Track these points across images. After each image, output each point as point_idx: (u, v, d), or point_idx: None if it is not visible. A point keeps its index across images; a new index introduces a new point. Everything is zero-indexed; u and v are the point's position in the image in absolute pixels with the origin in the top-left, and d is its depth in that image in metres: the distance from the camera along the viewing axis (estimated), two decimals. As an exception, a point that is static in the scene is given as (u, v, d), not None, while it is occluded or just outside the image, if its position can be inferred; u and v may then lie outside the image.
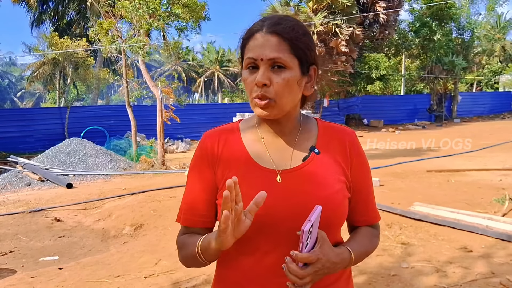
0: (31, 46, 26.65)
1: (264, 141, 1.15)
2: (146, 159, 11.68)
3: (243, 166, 1.12)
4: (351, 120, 24.41)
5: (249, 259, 1.09)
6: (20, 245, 5.49)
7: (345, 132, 1.20)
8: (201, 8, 11.46)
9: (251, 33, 1.09)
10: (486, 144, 13.31)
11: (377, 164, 9.79)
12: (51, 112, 18.83)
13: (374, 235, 1.24)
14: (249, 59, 1.06)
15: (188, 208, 1.19)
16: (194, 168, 1.20)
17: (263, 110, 1.06)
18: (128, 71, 13.09)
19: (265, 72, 1.04)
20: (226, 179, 1.09)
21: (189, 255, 1.12)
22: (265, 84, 1.03)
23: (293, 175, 1.10)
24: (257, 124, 1.19)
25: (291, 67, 1.06)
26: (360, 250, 1.13)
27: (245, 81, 1.09)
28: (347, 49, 18.40)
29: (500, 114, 28.97)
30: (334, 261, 1.01)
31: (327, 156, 1.13)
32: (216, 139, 1.17)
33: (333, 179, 1.11)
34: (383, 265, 3.97)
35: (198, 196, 1.17)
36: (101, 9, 12.71)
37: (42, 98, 46.88)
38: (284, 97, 1.06)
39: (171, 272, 4.03)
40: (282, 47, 1.05)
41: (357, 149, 1.19)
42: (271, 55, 1.03)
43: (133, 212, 6.53)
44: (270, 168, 1.11)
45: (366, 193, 1.20)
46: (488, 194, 6.52)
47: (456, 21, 25.93)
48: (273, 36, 1.05)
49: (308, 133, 1.17)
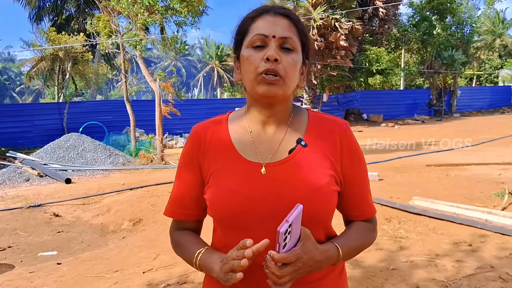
0: (29, 41, 26.59)
1: (251, 134, 1.13)
2: (145, 154, 11.66)
3: (228, 159, 1.11)
4: (350, 115, 24.40)
5: None
6: (19, 240, 5.48)
7: (336, 122, 1.16)
8: (199, 1, 11.39)
9: (259, 13, 1.08)
10: (485, 139, 13.29)
11: (376, 159, 9.78)
12: (50, 108, 18.79)
13: (369, 229, 1.19)
14: (258, 36, 1.04)
15: (175, 202, 1.20)
16: (182, 162, 1.19)
17: (271, 86, 1.03)
18: (127, 66, 13.05)
19: (276, 49, 1.03)
20: (211, 172, 1.11)
21: (185, 258, 1.15)
22: (276, 59, 1.02)
23: (278, 168, 1.07)
24: (246, 112, 1.16)
25: (297, 51, 1.07)
26: (351, 245, 1.10)
27: (248, 58, 1.05)
28: (347, 44, 18.38)
29: (500, 109, 28.97)
30: (318, 259, 0.99)
31: (315, 149, 1.10)
32: (203, 133, 1.17)
33: (320, 173, 1.07)
34: (382, 259, 3.96)
35: (186, 190, 1.17)
36: (99, 3, 12.65)
37: (41, 93, 46.84)
38: (290, 77, 1.05)
39: (169, 267, 4.03)
40: (292, 29, 1.06)
41: (349, 141, 1.14)
42: (284, 34, 1.04)
43: (131, 207, 6.53)
44: (255, 162, 1.09)
45: (359, 186, 1.16)
46: (488, 188, 6.51)
47: (456, 15, 25.86)
48: (284, 17, 1.06)
49: (297, 124, 1.14)
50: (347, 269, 1.23)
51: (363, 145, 13.27)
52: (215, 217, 1.11)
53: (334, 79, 24.30)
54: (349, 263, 3.73)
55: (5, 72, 60.54)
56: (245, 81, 1.09)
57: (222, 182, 1.09)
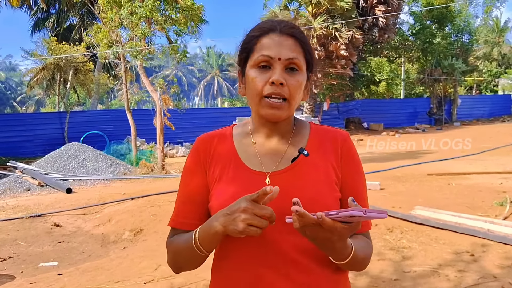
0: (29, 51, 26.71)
1: (255, 146, 1.14)
2: (146, 164, 11.66)
3: (233, 169, 1.12)
4: (350, 124, 24.42)
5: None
6: (19, 251, 5.46)
7: (338, 132, 1.18)
8: (198, 10, 11.44)
9: (264, 31, 1.08)
10: (486, 147, 13.29)
11: (377, 168, 9.77)
12: (51, 117, 18.82)
13: (369, 245, 1.15)
14: (263, 57, 1.05)
15: (180, 211, 1.19)
16: (187, 172, 1.19)
17: (276, 110, 1.04)
18: (127, 76, 13.10)
19: (281, 72, 1.03)
20: (216, 181, 1.11)
21: (182, 250, 1.11)
22: (282, 83, 1.02)
23: (281, 177, 1.09)
24: (252, 130, 1.18)
25: (302, 70, 1.08)
26: (359, 252, 1.05)
27: (253, 79, 1.06)
28: (347, 53, 18.43)
29: (500, 117, 28.96)
30: (338, 245, 0.95)
31: (317, 158, 1.11)
32: (209, 144, 1.18)
33: (323, 181, 1.09)
34: (384, 269, 3.94)
35: (191, 199, 1.17)
36: (98, 14, 12.73)
37: (42, 103, 46.93)
38: (295, 99, 1.06)
39: (171, 278, 4.01)
40: (298, 49, 1.07)
41: (349, 150, 1.15)
42: (290, 55, 1.04)
43: (132, 217, 6.51)
44: (259, 171, 1.10)
45: (355, 195, 1.10)
46: (489, 197, 6.50)
47: (455, 24, 26.00)
48: (290, 37, 1.07)
49: (300, 136, 1.16)
50: (350, 280, 1.22)
51: (363, 152, 13.28)
52: None
53: (334, 88, 24.37)
54: (352, 273, 3.72)
55: (6, 81, 60.74)
56: (250, 100, 1.10)
57: (226, 191, 1.09)
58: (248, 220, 0.92)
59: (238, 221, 0.93)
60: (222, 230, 0.97)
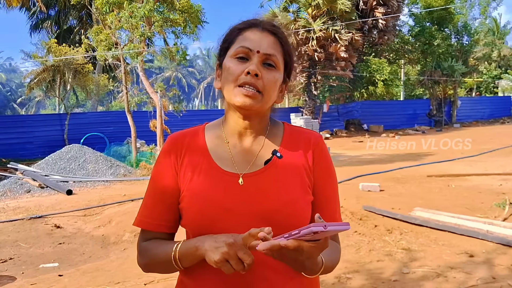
0: (29, 53, 26.75)
1: (228, 145, 1.13)
2: (146, 165, 11.67)
3: (205, 169, 1.10)
4: (350, 125, 24.42)
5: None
6: (20, 252, 5.47)
7: (312, 134, 1.17)
8: (197, 11, 11.44)
9: (248, 25, 1.09)
10: (486, 149, 13.29)
11: (377, 169, 9.78)
12: (51, 119, 18.85)
13: (337, 249, 1.14)
14: (242, 48, 1.05)
15: (147, 212, 1.17)
16: (157, 172, 1.16)
17: (249, 99, 1.03)
18: (127, 78, 13.12)
19: (258, 65, 1.04)
20: (187, 182, 1.09)
21: (159, 262, 1.11)
22: (257, 74, 1.03)
23: (254, 179, 1.07)
24: (223, 123, 1.17)
25: (279, 69, 1.08)
26: (328, 261, 1.04)
27: (230, 68, 1.06)
28: (347, 55, 18.48)
29: (500, 119, 29.00)
30: (307, 265, 0.94)
31: (290, 160, 1.11)
32: (180, 141, 1.15)
33: (295, 183, 1.08)
34: (384, 270, 3.95)
35: (161, 200, 1.14)
36: (98, 17, 12.76)
37: (42, 105, 46.96)
38: (269, 94, 1.06)
39: (170, 279, 4.02)
40: (277, 47, 1.08)
41: (321, 152, 1.14)
42: (268, 51, 1.05)
43: (133, 219, 6.32)
44: (232, 172, 1.09)
45: (325, 199, 1.13)
46: (489, 198, 6.51)
47: (455, 26, 26.04)
48: (271, 35, 1.08)
49: (273, 137, 1.15)
50: (350, 280, 1.23)
51: (363, 154, 13.29)
52: (189, 227, 1.10)
53: (334, 89, 24.39)
54: (352, 273, 3.73)
55: (7, 83, 60.79)
56: (224, 90, 1.09)
57: (198, 192, 1.07)
58: (227, 256, 0.91)
59: (218, 252, 0.92)
60: (205, 253, 0.96)
